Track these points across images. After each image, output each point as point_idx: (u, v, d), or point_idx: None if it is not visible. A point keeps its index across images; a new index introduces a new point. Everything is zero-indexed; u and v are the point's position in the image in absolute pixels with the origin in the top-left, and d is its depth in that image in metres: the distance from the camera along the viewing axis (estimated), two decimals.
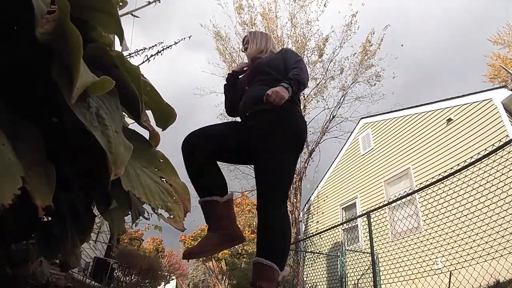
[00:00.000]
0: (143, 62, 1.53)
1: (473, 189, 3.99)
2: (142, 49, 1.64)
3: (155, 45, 1.64)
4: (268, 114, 1.37)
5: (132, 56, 1.65)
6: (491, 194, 3.89)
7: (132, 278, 6.72)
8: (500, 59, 15.34)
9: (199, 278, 25.09)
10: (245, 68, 1.76)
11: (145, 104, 0.95)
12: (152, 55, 1.59)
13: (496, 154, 2.95)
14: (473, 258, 4.20)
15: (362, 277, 5.90)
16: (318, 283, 6.79)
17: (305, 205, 11.07)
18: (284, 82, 1.34)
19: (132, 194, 0.73)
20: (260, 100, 1.36)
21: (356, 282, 6.08)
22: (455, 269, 4.18)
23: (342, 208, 9.25)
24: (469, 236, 4.15)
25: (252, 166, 1.45)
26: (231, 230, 1.33)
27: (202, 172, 1.34)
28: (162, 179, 0.91)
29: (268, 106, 1.30)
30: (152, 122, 1.04)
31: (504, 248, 3.78)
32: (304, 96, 10.99)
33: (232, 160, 1.63)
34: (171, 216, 0.81)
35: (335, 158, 10.44)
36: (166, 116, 1.02)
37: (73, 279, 3.13)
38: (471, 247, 4.20)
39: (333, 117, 10.85)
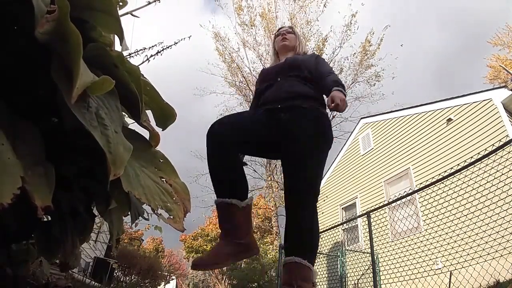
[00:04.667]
0: (143, 62, 1.53)
1: (473, 189, 3.99)
2: (142, 49, 1.64)
3: (155, 45, 1.65)
4: (306, 112, 1.40)
5: (132, 56, 1.65)
6: (491, 194, 3.89)
7: (132, 278, 6.73)
8: (500, 60, 15.35)
9: (199, 278, 25.08)
10: None
11: (145, 104, 0.95)
12: (152, 55, 1.59)
13: (496, 154, 2.95)
14: (473, 258, 4.20)
15: (362, 277, 5.90)
16: (318, 283, 6.78)
17: None
18: (339, 87, 1.36)
19: (132, 194, 0.73)
20: (297, 95, 1.44)
21: (356, 282, 6.08)
22: (455, 269, 4.18)
23: (342, 208, 9.25)
24: (469, 236, 4.15)
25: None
26: (247, 240, 1.25)
27: (226, 167, 1.29)
28: (162, 179, 0.91)
29: (332, 108, 1.30)
30: (152, 122, 1.04)
31: (504, 248, 3.78)
32: None
33: (253, 153, 1.59)
34: (171, 217, 0.81)
35: (335, 158, 10.44)
36: (166, 116, 1.02)
37: (73, 279, 3.13)
38: (471, 247, 4.20)
39: (333, 117, 10.86)
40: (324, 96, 1.50)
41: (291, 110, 1.42)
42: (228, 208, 1.22)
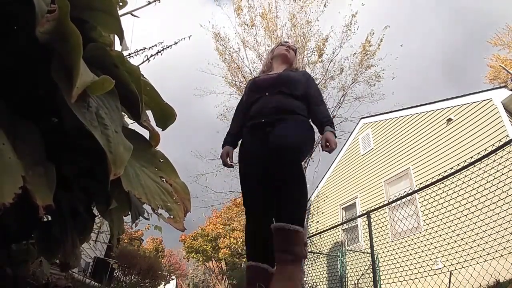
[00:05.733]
0: (143, 62, 1.53)
1: (473, 189, 3.99)
2: (142, 49, 1.64)
3: (155, 45, 1.65)
4: (288, 122, 1.51)
5: (132, 56, 1.65)
6: (491, 194, 3.89)
7: (132, 278, 6.73)
8: (500, 59, 15.36)
9: (199, 278, 25.10)
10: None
11: (145, 104, 0.95)
12: (152, 55, 1.59)
13: (496, 154, 2.95)
14: (473, 258, 4.20)
15: (362, 277, 5.90)
16: (318, 283, 6.79)
17: None
18: (330, 127, 1.54)
19: (132, 194, 0.73)
20: (281, 110, 1.54)
21: (356, 282, 6.08)
22: (455, 269, 4.17)
23: (342, 208, 9.25)
24: (469, 236, 4.16)
25: None
26: None
27: (263, 237, 1.37)
28: (162, 179, 0.91)
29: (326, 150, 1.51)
30: (152, 122, 1.04)
31: (504, 248, 3.78)
32: None
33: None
34: (171, 216, 0.81)
35: (335, 158, 10.44)
36: (166, 116, 1.02)
37: (73, 279, 3.13)
38: (471, 247, 4.20)
39: (333, 117, 10.84)
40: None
41: (274, 123, 1.52)
42: (260, 271, 1.32)
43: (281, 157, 1.32)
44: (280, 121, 1.51)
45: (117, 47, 0.90)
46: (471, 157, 3.27)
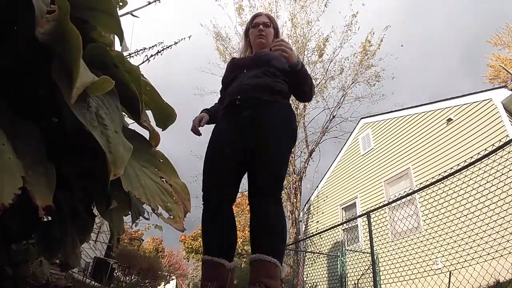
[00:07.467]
0: (143, 62, 1.53)
1: (473, 189, 3.99)
2: (142, 49, 1.64)
3: (155, 45, 1.65)
4: (267, 106, 1.39)
5: (132, 56, 1.65)
6: (491, 194, 3.90)
7: (132, 278, 6.72)
8: (500, 59, 15.36)
9: (199, 278, 25.07)
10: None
11: (145, 104, 0.95)
12: (152, 55, 1.59)
13: (496, 154, 2.95)
14: (473, 258, 4.21)
15: (362, 277, 5.90)
16: (318, 283, 6.79)
17: (305, 205, 11.08)
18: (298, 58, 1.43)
19: (132, 194, 0.73)
20: (259, 87, 1.43)
21: (356, 282, 6.08)
22: (455, 269, 4.18)
23: (342, 208, 9.25)
24: (469, 236, 4.16)
25: None
26: None
27: (215, 225, 1.32)
28: (162, 179, 0.91)
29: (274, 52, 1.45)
30: (152, 122, 1.04)
31: (504, 248, 3.78)
32: None
33: (242, 176, 1.51)
34: (171, 217, 0.81)
35: (335, 158, 10.44)
36: (166, 116, 1.02)
37: (73, 279, 3.13)
38: (471, 247, 4.21)
39: (333, 117, 10.86)
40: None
41: (252, 106, 1.40)
42: (216, 266, 1.23)
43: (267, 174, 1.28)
44: (256, 106, 1.39)
45: (117, 47, 0.90)
46: (471, 157, 3.27)
